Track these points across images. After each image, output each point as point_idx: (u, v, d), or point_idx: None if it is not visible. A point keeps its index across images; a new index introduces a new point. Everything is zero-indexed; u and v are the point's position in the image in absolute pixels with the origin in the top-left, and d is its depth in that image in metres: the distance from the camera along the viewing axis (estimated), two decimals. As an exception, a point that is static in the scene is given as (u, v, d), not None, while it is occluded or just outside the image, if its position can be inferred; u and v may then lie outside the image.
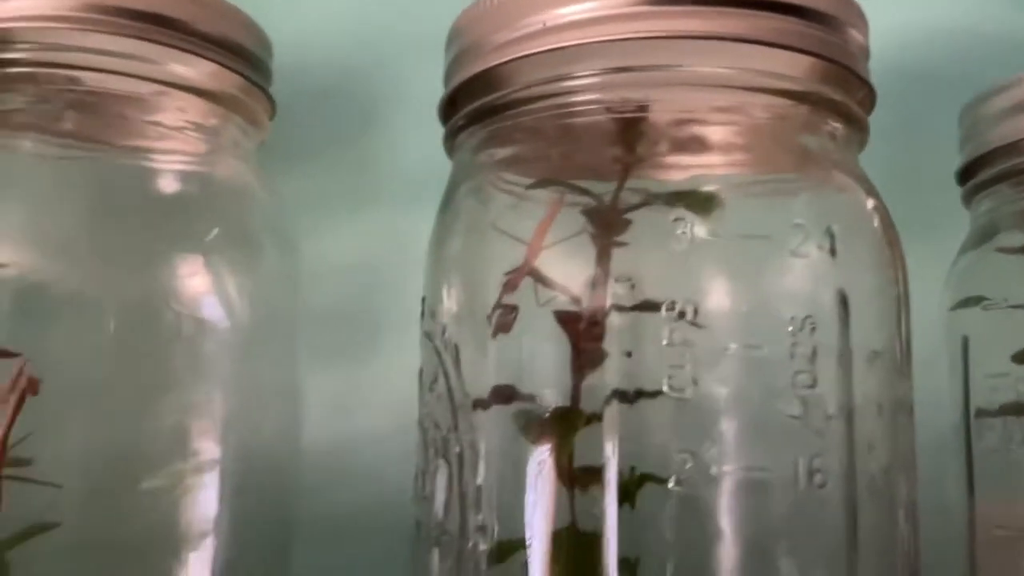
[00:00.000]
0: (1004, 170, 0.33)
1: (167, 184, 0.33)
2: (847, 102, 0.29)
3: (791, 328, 0.27)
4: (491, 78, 0.29)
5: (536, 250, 0.28)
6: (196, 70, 0.31)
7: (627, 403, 0.26)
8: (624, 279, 0.27)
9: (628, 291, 0.27)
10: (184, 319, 0.32)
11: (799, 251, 0.27)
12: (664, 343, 0.26)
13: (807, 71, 0.28)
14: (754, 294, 0.27)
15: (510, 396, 0.28)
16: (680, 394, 0.26)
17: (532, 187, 0.30)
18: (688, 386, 0.26)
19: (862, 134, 0.31)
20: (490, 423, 0.28)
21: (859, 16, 0.30)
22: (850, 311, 0.27)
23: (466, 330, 0.29)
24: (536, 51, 0.28)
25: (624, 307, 0.27)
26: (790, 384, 0.27)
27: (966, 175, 0.35)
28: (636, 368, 0.27)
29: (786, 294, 0.27)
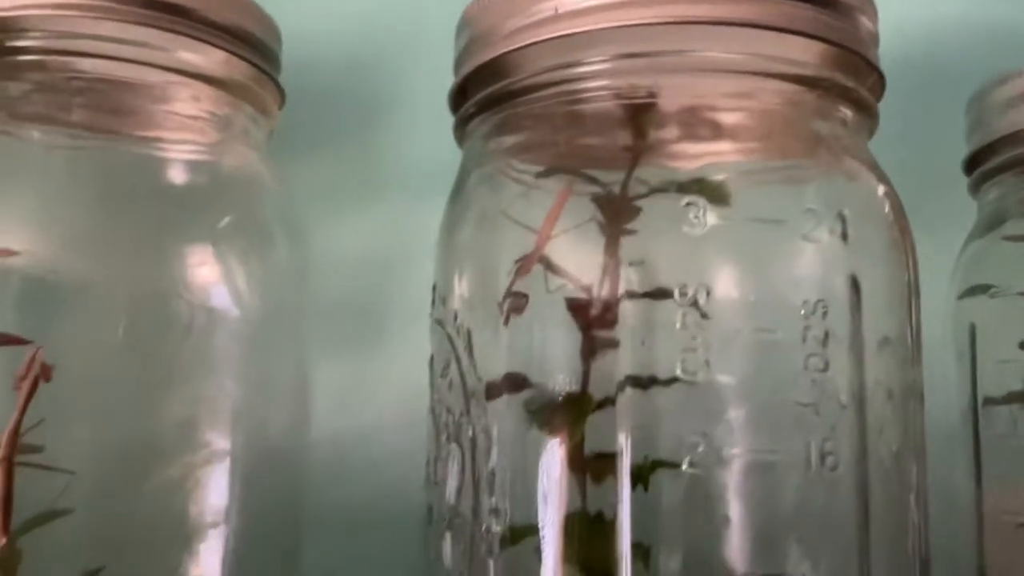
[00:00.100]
0: (1011, 159, 0.34)
1: (177, 173, 0.33)
2: (858, 88, 0.29)
3: (803, 312, 0.27)
4: (501, 65, 0.29)
5: (545, 238, 0.28)
6: (206, 58, 0.31)
7: (640, 388, 0.27)
8: (637, 263, 0.27)
9: (640, 277, 0.27)
10: (194, 308, 0.31)
11: (811, 236, 0.27)
12: (677, 327, 0.26)
13: (818, 57, 0.28)
14: (766, 278, 0.28)
15: (521, 384, 0.28)
16: (692, 378, 0.26)
17: (541, 176, 0.30)
18: (701, 370, 0.26)
19: (872, 121, 0.31)
20: (503, 408, 0.28)
21: (868, 2, 0.30)
22: (862, 296, 0.28)
23: (478, 316, 0.29)
24: (546, 38, 0.28)
25: (636, 293, 0.27)
26: (802, 368, 0.27)
27: (973, 164, 0.35)
28: (648, 354, 0.27)
29: (798, 278, 0.27)
